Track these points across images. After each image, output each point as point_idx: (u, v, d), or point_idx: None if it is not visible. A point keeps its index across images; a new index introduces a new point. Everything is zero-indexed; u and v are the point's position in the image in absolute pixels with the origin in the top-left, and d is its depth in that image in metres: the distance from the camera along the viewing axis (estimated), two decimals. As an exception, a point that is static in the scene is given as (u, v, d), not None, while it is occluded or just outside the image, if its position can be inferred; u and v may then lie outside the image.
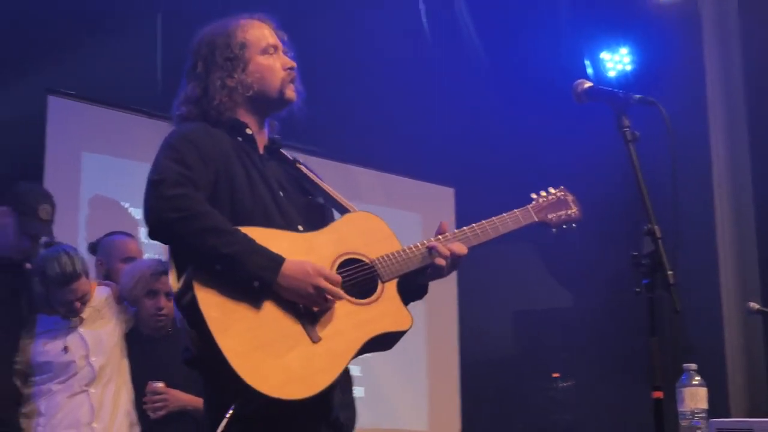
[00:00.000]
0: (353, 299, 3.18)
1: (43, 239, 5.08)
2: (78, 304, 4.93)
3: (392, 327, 3.24)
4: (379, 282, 3.24)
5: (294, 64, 3.47)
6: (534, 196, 3.66)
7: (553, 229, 3.64)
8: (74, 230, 6.42)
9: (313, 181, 3.51)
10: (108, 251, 5.63)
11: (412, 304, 3.37)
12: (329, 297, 3.09)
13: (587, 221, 3.65)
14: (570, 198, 3.69)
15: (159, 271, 5.17)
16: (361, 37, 8.28)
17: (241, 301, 3.02)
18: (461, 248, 3.39)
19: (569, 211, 3.66)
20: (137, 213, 7.06)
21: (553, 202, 3.65)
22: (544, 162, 8.26)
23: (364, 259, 3.26)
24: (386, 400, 8.03)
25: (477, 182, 8.67)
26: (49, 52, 6.95)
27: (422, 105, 8.45)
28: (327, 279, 3.08)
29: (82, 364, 4.96)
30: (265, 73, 3.41)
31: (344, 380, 3.21)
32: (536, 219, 3.59)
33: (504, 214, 3.55)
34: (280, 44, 3.49)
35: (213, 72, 3.38)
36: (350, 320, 3.14)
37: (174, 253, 3.15)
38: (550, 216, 3.63)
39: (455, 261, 3.37)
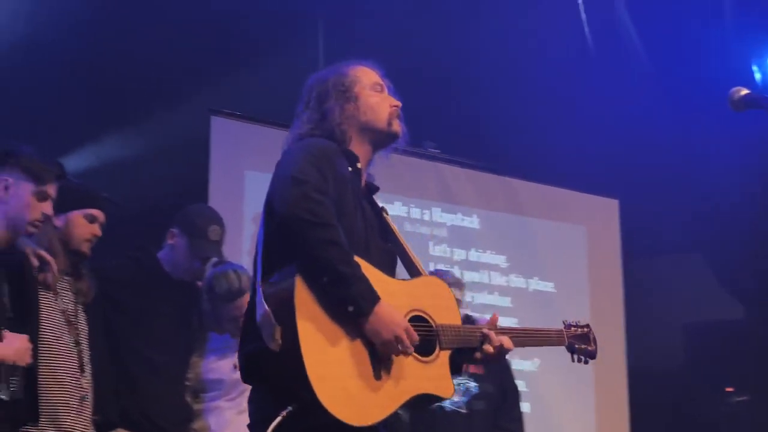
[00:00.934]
0: (415, 354, 3.31)
1: (213, 260, 5.15)
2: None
3: (438, 391, 3.37)
4: (438, 347, 3.38)
5: (399, 104, 3.61)
6: (565, 322, 3.97)
7: (574, 359, 3.97)
8: (239, 248, 6.52)
9: (394, 233, 3.62)
10: None
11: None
12: (401, 350, 3.23)
13: (759, 229, 3.53)
14: (592, 336, 4.00)
15: None
16: (520, 47, 8.22)
17: (331, 316, 3.16)
18: (509, 344, 3.54)
19: (589, 348, 3.97)
20: None
21: (580, 335, 3.96)
22: (710, 170, 8.03)
23: (430, 320, 3.40)
24: (553, 416, 7.93)
25: (641, 193, 8.54)
26: (211, 73, 7.07)
27: (584, 115, 8.32)
28: (409, 335, 3.22)
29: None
30: (374, 105, 3.56)
31: (388, 424, 3.29)
32: (566, 343, 3.90)
33: (544, 330, 3.89)
34: (385, 87, 3.64)
35: (327, 101, 3.54)
36: (409, 371, 3.28)
37: (272, 249, 3.28)
38: (576, 346, 3.92)
39: (501, 354, 3.53)
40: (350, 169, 3.46)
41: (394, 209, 7.66)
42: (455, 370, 3.49)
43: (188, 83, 7.10)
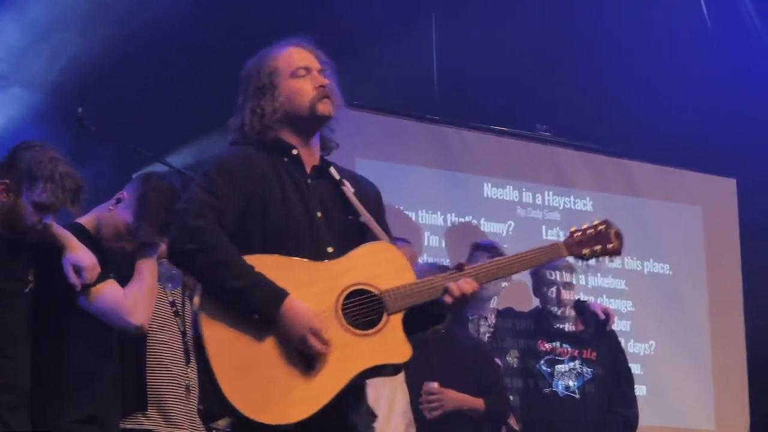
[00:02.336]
0: (354, 330, 3.24)
1: None
2: None
3: (388, 359, 3.27)
4: (385, 314, 3.28)
5: (326, 82, 3.50)
6: (573, 229, 3.60)
7: (586, 263, 3.60)
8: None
9: (352, 205, 3.49)
10: None
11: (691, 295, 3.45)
12: (316, 348, 3.18)
13: None
14: (613, 231, 3.61)
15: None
16: (635, 26, 8.18)
17: (243, 329, 3.18)
18: (471, 286, 3.35)
19: (609, 245, 3.59)
20: (412, 217, 7.23)
21: (591, 236, 3.57)
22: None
23: (373, 290, 3.30)
24: (670, 398, 7.85)
25: (760, 172, 8.38)
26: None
27: (700, 93, 8.20)
28: (315, 335, 3.17)
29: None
30: (292, 95, 3.47)
31: (334, 410, 3.23)
32: (566, 254, 3.55)
33: (532, 249, 3.50)
34: (313, 65, 3.54)
35: (247, 101, 3.53)
36: (348, 351, 3.22)
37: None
38: (584, 251, 3.56)
39: (464, 299, 3.37)
40: (286, 159, 3.44)
41: (506, 193, 7.70)
42: (433, 321, 3.47)
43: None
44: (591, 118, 8.09)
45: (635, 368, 7.35)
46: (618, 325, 7.48)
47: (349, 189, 3.52)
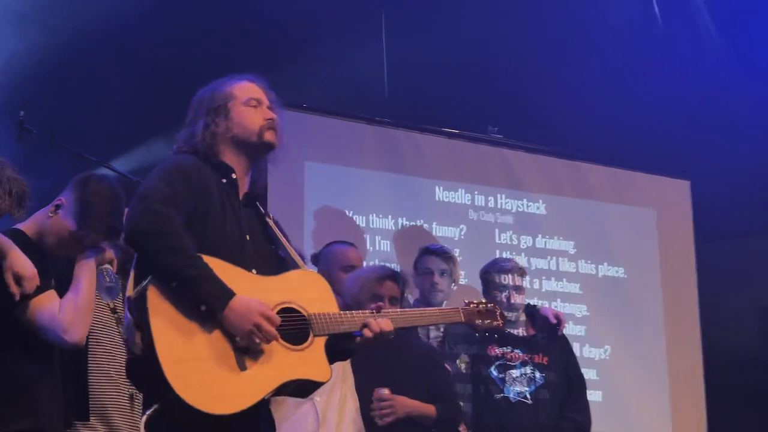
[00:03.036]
0: (284, 343, 3.54)
1: None
2: None
3: (312, 376, 3.60)
4: (311, 334, 3.62)
5: (274, 117, 3.86)
6: (466, 300, 4.22)
7: (477, 333, 4.69)
8: (300, 241, 6.60)
9: (276, 236, 3.85)
10: (329, 260, 5.82)
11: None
12: (264, 337, 3.45)
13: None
14: (498, 312, 4.26)
15: (384, 275, 5.34)
16: (584, 24, 8.26)
17: (187, 318, 3.40)
18: (388, 326, 3.78)
19: (495, 322, 4.23)
20: (362, 221, 7.28)
21: (482, 311, 4.21)
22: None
23: (302, 311, 3.63)
24: (625, 405, 7.91)
25: (714, 173, 8.45)
26: (266, 63, 7.17)
27: (652, 93, 8.30)
28: (268, 319, 3.45)
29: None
30: (244, 119, 3.81)
31: (251, 415, 3.51)
32: (463, 320, 4.15)
33: (436, 308, 4.51)
34: (264, 100, 3.89)
35: (199, 118, 3.82)
36: (276, 360, 3.50)
37: (139, 263, 3.53)
38: (477, 321, 4.18)
39: (383, 336, 3.77)
40: (224, 180, 3.72)
41: (458, 196, 7.72)
42: (342, 356, 3.84)
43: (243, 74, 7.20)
44: (543, 119, 8.17)
45: (591, 374, 7.45)
46: (573, 330, 7.60)
47: (272, 223, 3.86)
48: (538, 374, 5.91)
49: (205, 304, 3.41)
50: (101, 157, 6.15)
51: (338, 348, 3.74)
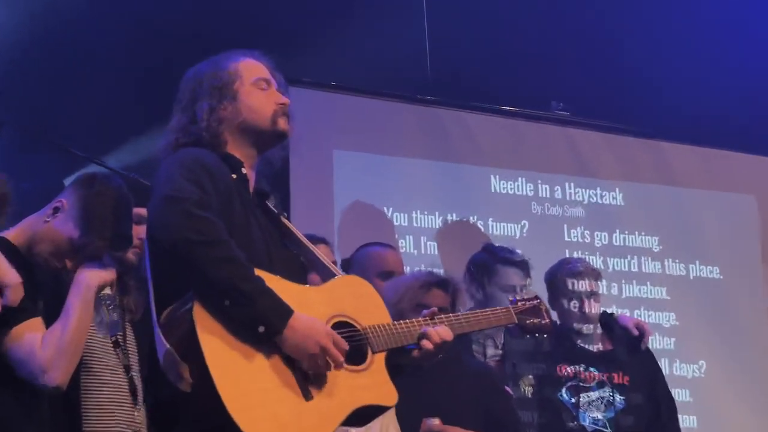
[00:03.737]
0: (347, 364, 3.47)
1: None
2: None
3: (380, 400, 3.56)
4: (370, 351, 3.57)
5: (287, 101, 3.78)
6: (511, 299, 4.20)
7: (527, 335, 4.23)
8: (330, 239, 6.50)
9: (297, 238, 3.82)
10: (363, 265, 5.74)
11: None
12: (330, 361, 3.39)
13: None
14: (543, 308, 4.21)
15: (430, 282, 5.23)
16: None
17: (242, 341, 3.30)
18: (448, 334, 3.74)
19: (543, 321, 4.18)
20: (402, 219, 7.27)
21: (530, 308, 4.16)
22: None
23: (356, 324, 3.58)
24: (724, 428, 7.82)
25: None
26: (286, 36, 7.08)
27: (745, 61, 8.25)
28: (335, 343, 3.39)
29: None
30: (255, 104, 3.73)
31: None
32: (515, 321, 4.11)
33: (488, 310, 4.09)
34: (274, 83, 3.83)
35: (200, 99, 3.72)
36: (343, 384, 3.44)
37: (162, 282, 3.44)
38: (528, 321, 4.14)
39: (444, 347, 3.73)
40: (234, 176, 3.64)
41: (518, 186, 7.70)
42: (395, 372, 3.67)
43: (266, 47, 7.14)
44: (615, 93, 8.11)
45: (682, 394, 7.46)
46: (660, 343, 7.63)
47: (288, 222, 3.84)
48: (618, 397, 5.80)
49: (264, 324, 3.31)
50: (90, 153, 6.15)
51: (391, 364, 3.66)
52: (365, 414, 3.54)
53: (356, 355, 3.51)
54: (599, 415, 5.75)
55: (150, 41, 6.97)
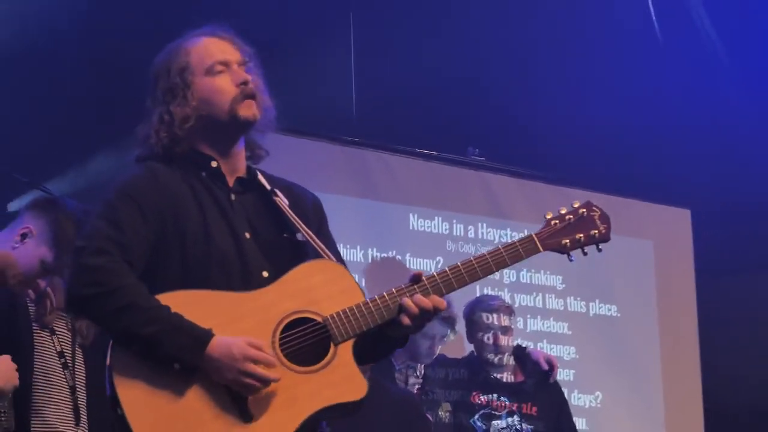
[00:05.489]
0: (297, 368, 3.17)
1: None
2: None
3: (341, 398, 3.19)
4: (331, 344, 3.21)
5: (248, 77, 3.39)
6: (549, 216, 3.53)
7: (571, 257, 3.52)
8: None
9: (290, 219, 3.40)
10: None
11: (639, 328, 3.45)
12: (255, 382, 3.09)
13: None
14: (596, 214, 3.55)
15: None
16: (578, 39, 8.22)
17: (164, 383, 3.08)
18: (434, 301, 3.26)
19: (593, 231, 3.52)
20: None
21: (570, 223, 3.51)
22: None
23: (315, 317, 3.22)
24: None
25: (717, 202, 8.46)
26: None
27: (649, 116, 8.27)
28: (255, 362, 3.08)
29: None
30: (209, 95, 3.37)
31: None
32: (541, 249, 3.46)
33: (498, 247, 3.42)
34: (233, 58, 3.43)
35: (155, 107, 3.41)
36: (291, 393, 3.14)
37: None
38: (563, 241, 3.48)
39: (426, 316, 3.27)
40: (204, 173, 3.35)
41: (435, 225, 7.67)
42: (393, 345, 3.40)
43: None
44: (529, 141, 8.12)
45: (580, 423, 7.38)
46: (560, 374, 7.46)
47: (282, 201, 3.43)
48: (525, 426, 5.88)
49: (177, 361, 3.07)
50: (32, 178, 5.95)
51: (386, 339, 3.33)
52: (339, 413, 3.24)
53: (319, 350, 3.19)
54: (506, 444, 5.76)
55: (93, 66, 6.82)
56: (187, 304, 3.13)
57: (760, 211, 8.62)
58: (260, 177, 3.48)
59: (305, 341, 3.20)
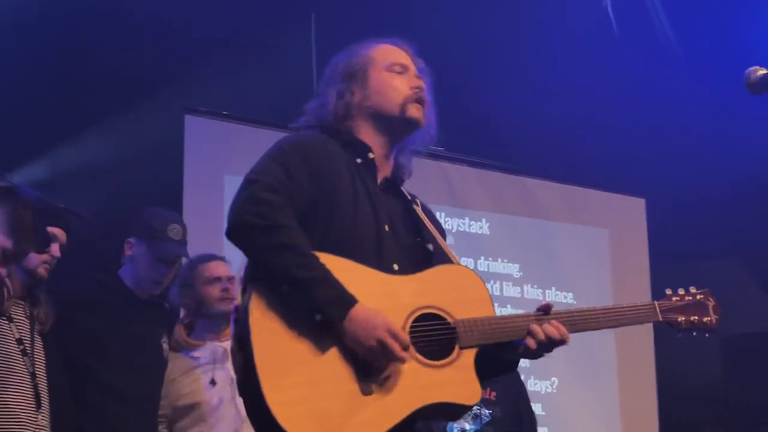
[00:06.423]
0: (422, 358, 3.17)
1: (183, 259, 5.21)
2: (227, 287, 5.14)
3: (455, 398, 3.18)
4: (457, 346, 3.22)
5: (423, 84, 3.52)
6: (669, 292, 3.65)
7: (679, 334, 3.66)
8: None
9: (426, 227, 3.48)
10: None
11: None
12: (388, 357, 3.08)
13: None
14: (711, 304, 3.64)
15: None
16: (534, 32, 8.22)
17: (298, 332, 3.07)
18: (558, 332, 3.33)
19: (705, 318, 3.62)
20: None
21: (689, 304, 3.62)
22: (747, 165, 7.97)
23: (446, 317, 3.25)
24: (574, 443, 7.89)
25: (671, 191, 8.49)
26: (184, 69, 7.03)
27: (604, 105, 8.28)
28: (395, 338, 3.08)
29: (229, 406, 4.98)
30: (385, 88, 3.48)
31: None
32: (660, 318, 3.60)
33: (626, 305, 3.60)
34: (412, 66, 3.56)
35: (332, 85, 3.51)
36: (411, 380, 3.13)
37: (247, 265, 3.22)
38: (680, 318, 3.60)
39: (550, 345, 3.34)
40: (359, 160, 3.40)
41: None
42: (501, 369, 3.42)
43: (160, 79, 7.05)
44: (487, 131, 8.11)
45: (536, 408, 7.38)
46: None
47: (420, 211, 3.52)
48: (485, 411, 5.80)
49: (321, 313, 3.05)
50: None
51: (500, 360, 3.36)
52: (447, 412, 3.27)
53: (444, 349, 3.19)
54: (467, 426, 5.71)
55: (57, 58, 6.74)
56: (336, 267, 3.11)
57: (713, 200, 8.67)
58: (403, 188, 3.57)
59: (433, 336, 3.21)
